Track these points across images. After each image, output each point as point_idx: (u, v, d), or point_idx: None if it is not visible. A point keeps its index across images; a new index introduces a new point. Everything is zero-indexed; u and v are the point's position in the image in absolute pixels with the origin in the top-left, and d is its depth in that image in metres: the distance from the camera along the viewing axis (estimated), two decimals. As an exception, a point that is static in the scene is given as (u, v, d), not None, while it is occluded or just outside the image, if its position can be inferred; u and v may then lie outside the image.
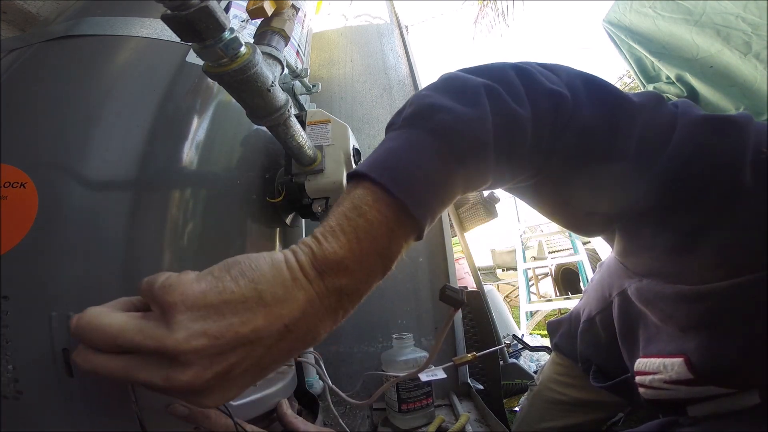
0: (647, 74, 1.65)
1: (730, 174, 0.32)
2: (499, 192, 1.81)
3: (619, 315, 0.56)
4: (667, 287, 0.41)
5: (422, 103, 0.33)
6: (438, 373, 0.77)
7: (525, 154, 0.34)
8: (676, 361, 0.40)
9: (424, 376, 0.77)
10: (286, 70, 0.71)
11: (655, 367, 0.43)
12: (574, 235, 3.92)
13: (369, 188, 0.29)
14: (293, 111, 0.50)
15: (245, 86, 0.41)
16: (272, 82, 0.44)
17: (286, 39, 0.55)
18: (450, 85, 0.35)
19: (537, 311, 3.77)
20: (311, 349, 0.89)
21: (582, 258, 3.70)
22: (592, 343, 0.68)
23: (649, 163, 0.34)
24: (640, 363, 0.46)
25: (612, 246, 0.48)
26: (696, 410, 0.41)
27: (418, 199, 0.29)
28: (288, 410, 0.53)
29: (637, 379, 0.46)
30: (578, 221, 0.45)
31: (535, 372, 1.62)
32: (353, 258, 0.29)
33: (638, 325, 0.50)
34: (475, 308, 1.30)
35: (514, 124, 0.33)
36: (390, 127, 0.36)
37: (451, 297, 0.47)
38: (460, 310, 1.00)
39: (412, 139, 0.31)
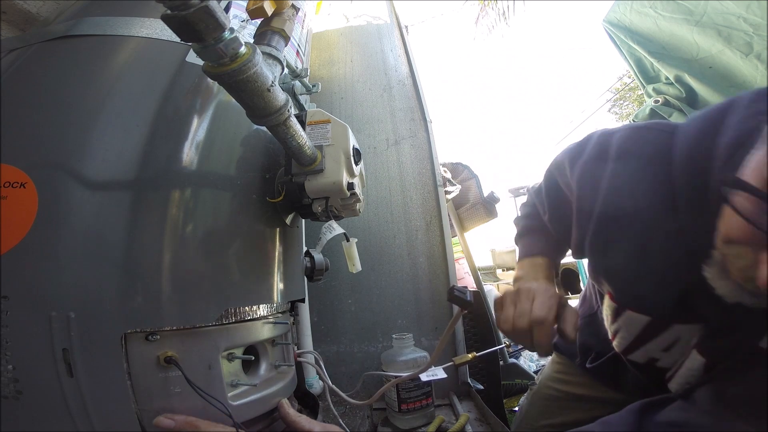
0: (647, 75, 1.65)
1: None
2: (499, 192, 1.81)
3: None
4: None
5: (517, 220, 0.74)
6: (438, 373, 0.77)
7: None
8: (606, 300, 0.53)
9: (424, 377, 0.77)
10: (286, 70, 0.71)
11: (608, 323, 0.56)
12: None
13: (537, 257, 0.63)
14: (293, 111, 0.50)
15: (245, 86, 0.41)
16: (272, 82, 0.44)
17: (286, 39, 0.55)
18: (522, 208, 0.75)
19: (537, 311, 3.75)
20: (311, 349, 0.89)
21: (582, 258, 3.68)
22: (593, 334, 0.70)
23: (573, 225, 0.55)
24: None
25: None
26: (673, 384, 0.47)
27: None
28: (290, 409, 0.53)
29: (614, 343, 0.56)
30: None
31: (536, 372, 1.62)
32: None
33: None
34: (475, 308, 1.30)
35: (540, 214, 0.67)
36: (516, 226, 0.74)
37: (459, 298, 0.47)
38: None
39: (524, 237, 0.69)
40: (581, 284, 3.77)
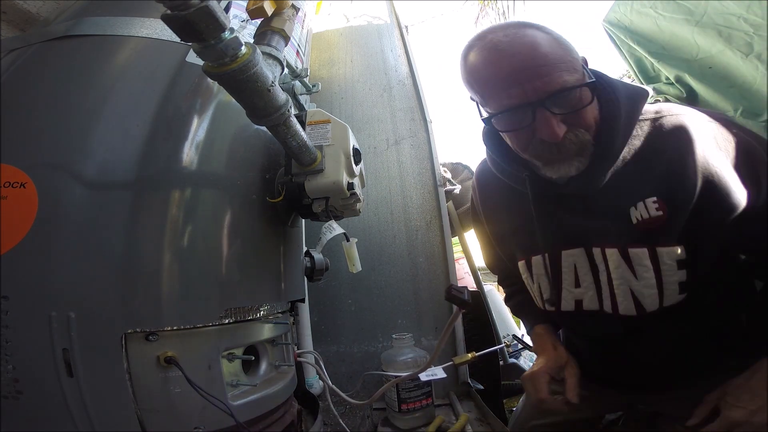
0: (647, 75, 1.64)
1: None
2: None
3: None
4: None
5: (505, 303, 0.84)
6: (438, 373, 0.77)
7: None
8: (521, 266, 0.66)
9: (424, 376, 0.77)
10: (286, 70, 0.71)
11: (533, 289, 0.69)
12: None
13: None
14: (293, 111, 0.50)
15: (245, 86, 0.41)
16: (272, 82, 0.44)
17: (286, 39, 0.55)
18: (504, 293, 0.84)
19: (537, 311, 3.75)
20: (311, 349, 0.89)
21: (582, 258, 3.68)
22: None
23: None
24: None
25: None
26: (622, 304, 0.56)
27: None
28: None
29: (546, 302, 0.67)
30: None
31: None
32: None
33: None
34: (475, 308, 1.30)
35: None
36: None
37: (457, 297, 0.47)
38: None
39: (519, 315, 0.79)
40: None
